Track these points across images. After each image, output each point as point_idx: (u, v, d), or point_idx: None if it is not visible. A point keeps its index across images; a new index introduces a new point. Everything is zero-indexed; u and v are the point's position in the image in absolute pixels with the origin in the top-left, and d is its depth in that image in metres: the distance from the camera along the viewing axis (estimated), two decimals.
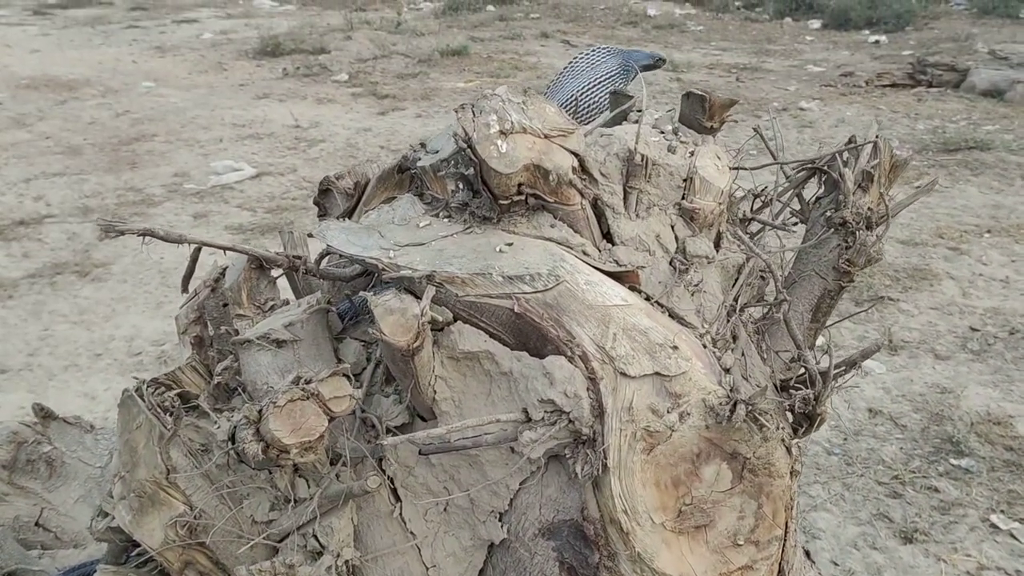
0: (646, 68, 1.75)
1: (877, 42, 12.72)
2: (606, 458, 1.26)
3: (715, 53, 12.21)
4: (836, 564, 3.12)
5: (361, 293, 1.47)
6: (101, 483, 1.82)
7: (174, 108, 9.26)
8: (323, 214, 1.84)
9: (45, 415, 1.89)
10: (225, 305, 1.59)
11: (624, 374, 1.29)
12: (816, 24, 14.32)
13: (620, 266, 1.39)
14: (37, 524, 1.80)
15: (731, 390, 1.30)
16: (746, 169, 1.58)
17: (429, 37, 13.03)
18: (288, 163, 7.44)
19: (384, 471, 1.40)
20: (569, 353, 1.30)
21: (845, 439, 3.79)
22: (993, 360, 4.35)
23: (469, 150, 1.33)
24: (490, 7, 16.06)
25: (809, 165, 1.61)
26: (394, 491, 1.42)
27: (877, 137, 1.56)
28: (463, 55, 11.62)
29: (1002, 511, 3.31)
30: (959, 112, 8.72)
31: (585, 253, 1.39)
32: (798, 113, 8.64)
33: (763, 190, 1.64)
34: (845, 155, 1.57)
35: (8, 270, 5.41)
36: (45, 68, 10.89)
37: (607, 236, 1.45)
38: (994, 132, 7.90)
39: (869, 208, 1.50)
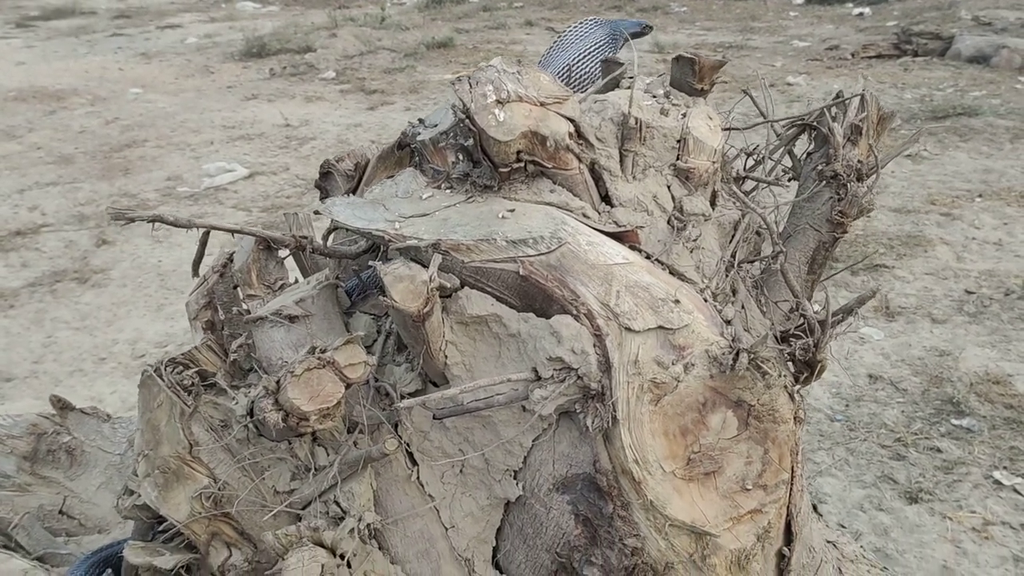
0: (634, 36, 1.78)
1: (861, 14, 12.75)
2: (615, 411, 1.30)
3: (700, 33, 12.22)
4: (844, 526, 3.16)
5: (370, 263, 1.51)
6: (121, 469, 1.86)
7: (163, 113, 9.26)
8: (325, 196, 1.88)
9: (63, 406, 1.93)
10: (235, 287, 1.63)
11: (629, 329, 1.33)
12: None
13: (620, 227, 1.43)
14: (61, 512, 1.84)
15: (733, 340, 1.34)
16: (738, 129, 1.62)
17: (414, 31, 13.03)
18: (280, 162, 7.46)
19: (400, 436, 1.44)
20: (574, 312, 1.34)
21: (847, 405, 3.82)
22: (990, 321, 4.38)
23: (468, 120, 1.37)
24: None
25: (799, 122, 1.64)
26: (410, 456, 1.46)
27: (864, 91, 1.59)
28: (449, 47, 11.63)
29: (1004, 467, 3.35)
30: (946, 80, 8.75)
31: (585, 216, 1.42)
32: (786, 88, 8.66)
33: (755, 148, 1.68)
34: (833, 110, 1.61)
35: (8, 280, 5.43)
36: (32, 80, 10.87)
37: (606, 199, 1.49)
38: (981, 98, 7.93)
39: (859, 160, 1.54)
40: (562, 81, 1.74)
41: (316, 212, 1.48)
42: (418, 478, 1.45)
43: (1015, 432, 3.54)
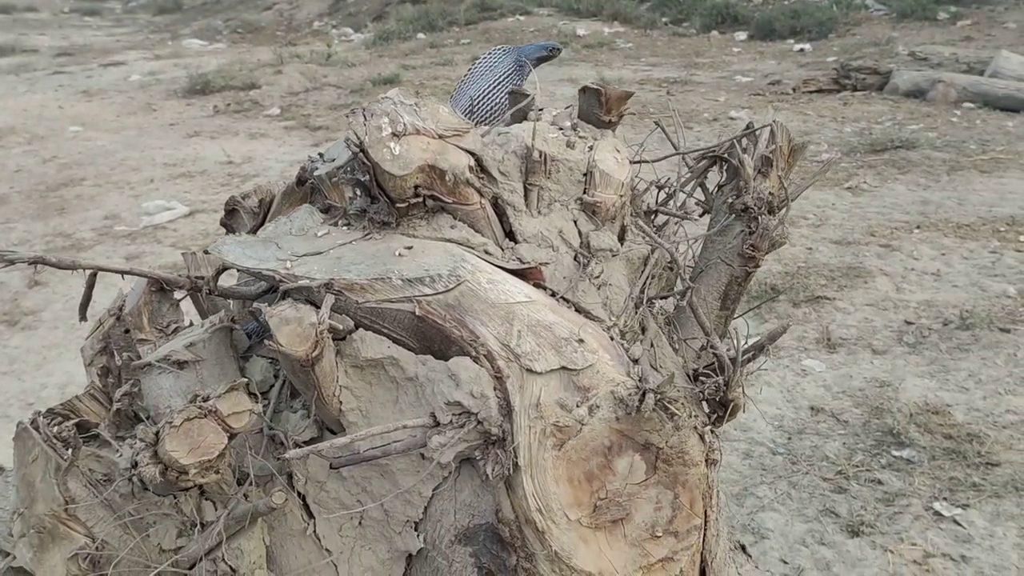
0: (540, 60, 1.73)
1: (802, 50, 12.97)
2: (517, 457, 1.24)
3: (645, 69, 12.34)
4: (785, 562, 3.12)
5: (256, 304, 1.44)
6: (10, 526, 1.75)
7: (103, 151, 9.11)
8: (231, 234, 1.80)
9: None
10: (127, 331, 1.54)
11: (530, 370, 1.27)
12: (742, 36, 14.55)
13: (523, 263, 1.38)
14: None
15: (640, 380, 1.29)
16: (647, 161, 1.58)
17: (360, 67, 13.00)
18: (222, 199, 7.34)
19: (294, 487, 1.36)
20: (474, 353, 1.28)
21: (789, 438, 3.80)
22: (928, 352, 4.40)
23: (362, 154, 1.31)
24: (420, 35, 16.09)
25: (710, 153, 1.61)
26: (306, 508, 1.38)
27: (774, 122, 1.56)
28: (395, 83, 11.60)
29: (944, 498, 3.34)
30: (884, 113, 8.91)
31: (487, 252, 1.37)
32: (728, 123, 8.75)
33: (666, 181, 1.64)
34: (744, 142, 1.57)
35: None
36: None
37: (510, 234, 1.43)
38: (918, 131, 8.07)
39: (770, 192, 1.50)
40: (467, 113, 1.69)
41: (206, 252, 1.41)
42: (314, 532, 1.37)
43: (954, 462, 3.54)
